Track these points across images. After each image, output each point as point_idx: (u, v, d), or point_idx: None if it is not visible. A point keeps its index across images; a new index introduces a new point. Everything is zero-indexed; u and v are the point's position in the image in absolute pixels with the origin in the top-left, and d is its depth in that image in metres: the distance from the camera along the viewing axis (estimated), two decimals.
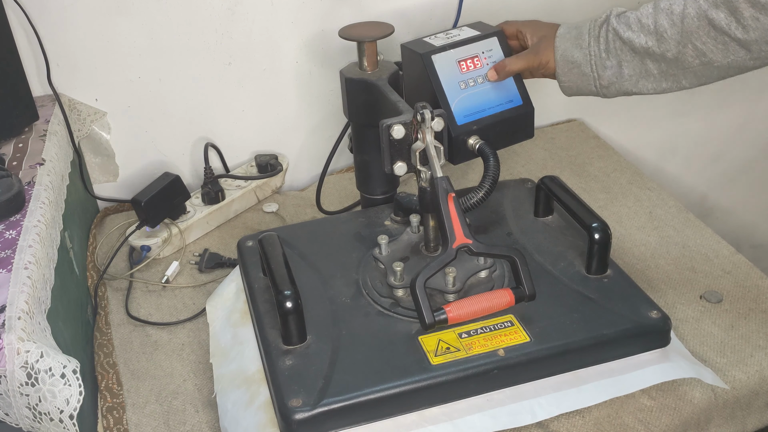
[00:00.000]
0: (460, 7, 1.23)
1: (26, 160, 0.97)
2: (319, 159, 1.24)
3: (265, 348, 0.80)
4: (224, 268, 1.08)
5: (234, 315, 0.92)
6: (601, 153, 1.31)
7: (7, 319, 0.71)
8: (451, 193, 0.81)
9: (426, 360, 0.77)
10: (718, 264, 1.02)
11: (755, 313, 0.93)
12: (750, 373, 0.86)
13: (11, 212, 0.86)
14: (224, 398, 0.83)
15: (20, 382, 0.71)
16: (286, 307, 0.78)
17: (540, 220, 0.98)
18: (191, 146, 1.23)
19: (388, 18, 1.20)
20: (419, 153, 0.83)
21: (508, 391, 0.78)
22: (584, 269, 0.88)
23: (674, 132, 1.54)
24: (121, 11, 1.10)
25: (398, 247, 0.92)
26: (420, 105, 0.82)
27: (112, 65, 1.13)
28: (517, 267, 0.80)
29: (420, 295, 0.77)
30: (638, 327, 0.81)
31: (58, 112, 1.09)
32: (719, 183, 1.64)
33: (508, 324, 0.81)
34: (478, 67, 0.95)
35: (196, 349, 0.94)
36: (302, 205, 1.21)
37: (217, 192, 1.16)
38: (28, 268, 0.78)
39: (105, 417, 0.86)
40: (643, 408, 0.81)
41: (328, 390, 0.74)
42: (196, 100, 1.20)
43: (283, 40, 1.19)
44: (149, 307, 1.01)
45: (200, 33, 1.15)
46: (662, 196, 1.17)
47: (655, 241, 1.07)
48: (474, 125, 0.93)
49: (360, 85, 0.97)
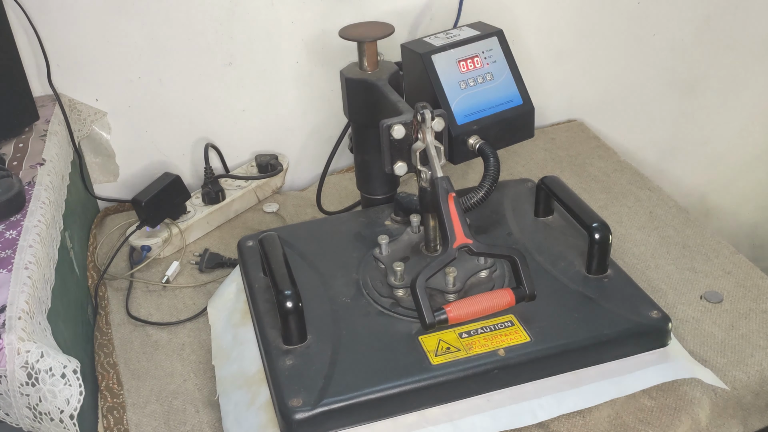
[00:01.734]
0: (461, 7, 1.23)
1: (26, 160, 0.97)
2: (320, 159, 1.24)
3: (266, 348, 0.81)
4: (224, 268, 1.08)
5: (235, 315, 0.92)
6: (601, 153, 1.31)
7: (7, 319, 0.71)
8: (452, 192, 0.81)
9: (426, 360, 0.77)
10: (719, 264, 1.02)
11: (755, 313, 0.93)
12: (750, 373, 0.86)
13: (11, 212, 0.86)
14: (226, 400, 0.83)
15: (20, 382, 0.71)
16: (286, 307, 0.78)
17: (540, 220, 0.98)
18: (191, 146, 1.23)
19: (388, 18, 1.20)
20: (419, 153, 0.83)
21: (508, 392, 0.78)
22: (584, 269, 0.88)
23: (674, 132, 1.54)
24: (122, 11, 1.10)
25: (398, 247, 0.92)
26: (420, 105, 0.82)
27: (112, 65, 1.13)
28: (517, 267, 0.80)
29: (420, 295, 0.76)
30: (639, 327, 0.81)
31: (59, 112, 1.09)
32: (719, 183, 1.64)
33: (508, 324, 0.81)
34: (478, 66, 0.95)
35: (196, 349, 0.94)
36: (302, 205, 1.21)
37: (217, 192, 1.16)
38: (29, 268, 0.78)
39: (105, 417, 0.86)
40: (644, 408, 0.81)
41: (328, 390, 0.74)
42: (196, 100, 1.20)
43: (283, 40, 1.19)
44: (149, 307, 1.02)
45: (200, 33, 1.15)
46: (662, 196, 1.17)
47: (656, 241, 1.07)
48: (474, 125, 0.93)
49: (360, 85, 0.97)
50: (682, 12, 1.40)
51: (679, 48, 1.44)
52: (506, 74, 0.96)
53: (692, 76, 1.49)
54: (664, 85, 1.48)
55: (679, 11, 1.40)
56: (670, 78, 1.47)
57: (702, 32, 1.44)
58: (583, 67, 1.39)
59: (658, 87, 1.47)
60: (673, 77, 1.47)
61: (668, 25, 1.41)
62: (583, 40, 1.36)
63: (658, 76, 1.46)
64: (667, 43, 1.43)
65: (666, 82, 1.47)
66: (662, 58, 1.44)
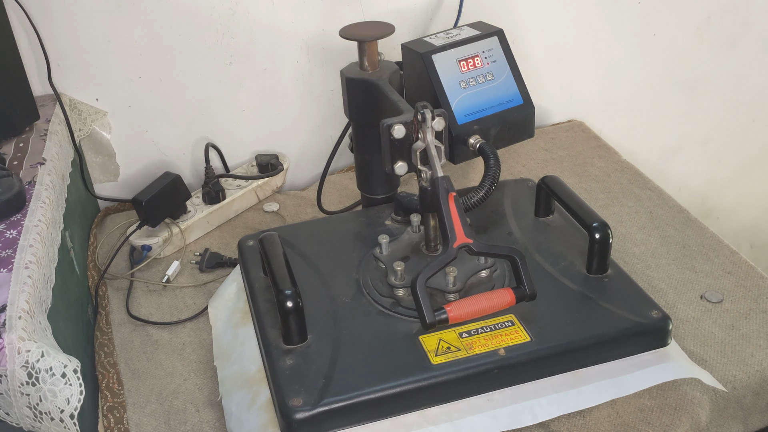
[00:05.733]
0: (461, 7, 1.23)
1: (27, 160, 0.97)
2: (320, 159, 1.24)
3: (266, 347, 0.81)
4: (225, 267, 1.08)
5: (235, 315, 0.92)
6: (601, 153, 1.31)
7: (7, 319, 0.71)
8: (452, 192, 0.81)
9: (426, 360, 0.77)
10: (719, 264, 1.02)
11: (756, 312, 0.93)
12: (751, 373, 0.86)
13: (12, 212, 0.86)
14: (228, 400, 0.83)
15: (21, 382, 0.71)
16: (286, 307, 0.78)
17: (540, 220, 0.98)
18: (192, 146, 1.23)
19: (389, 18, 1.20)
20: (420, 152, 0.83)
21: (508, 391, 0.78)
22: (585, 269, 0.88)
23: (675, 132, 1.54)
24: (122, 11, 1.10)
25: (399, 246, 0.92)
26: (420, 104, 0.82)
27: (112, 65, 1.13)
28: (517, 266, 0.80)
29: (420, 295, 0.76)
30: (639, 326, 0.81)
31: (59, 111, 1.09)
32: (720, 183, 1.65)
33: (508, 324, 0.81)
34: (479, 66, 0.95)
35: (196, 349, 0.94)
36: (303, 205, 1.21)
37: (217, 192, 1.16)
38: (29, 267, 0.78)
39: (106, 416, 0.86)
40: (644, 408, 0.81)
41: (328, 389, 0.74)
42: (196, 99, 1.20)
43: (283, 40, 1.19)
44: (150, 306, 1.02)
45: (201, 33, 1.15)
46: (663, 196, 1.17)
47: (656, 240, 1.07)
48: (474, 125, 0.93)
49: (361, 85, 0.97)
50: (683, 12, 1.40)
51: (679, 48, 1.44)
52: (506, 74, 0.96)
53: (692, 76, 1.49)
54: (665, 85, 1.48)
55: (679, 11, 1.40)
56: (671, 78, 1.47)
57: (702, 32, 1.44)
58: (583, 67, 1.39)
59: (658, 87, 1.47)
60: (673, 77, 1.47)
61: (668, 25, 1.41)
62: (584, 40, 1.36)
63: (659, 76, 1.46)
64: (668, 43, 1.43)
65: (666, 82, 1.47)
66: (662, 58, 1.44)
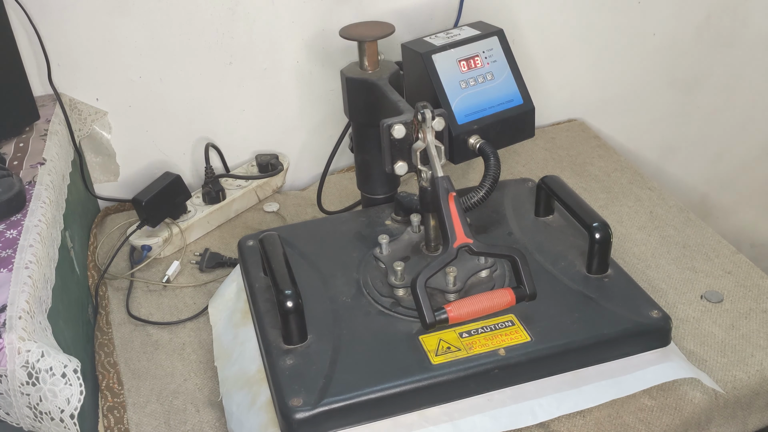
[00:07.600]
0: (461, 7, 1.23)
1: (27, 160, 0.97)
2: (320, 159, 1.24)
3: (266, 347, 0.81)
4: (225, 267, 1.08)
5: (235, 315, 0.92)
6: (601, 153, 1.31)
7: (7, 319, 0.71)
8: (452, 192, 0.81)
9: (427, 359, 0.77)
10: (719, 264, 1.02)
11: (756, 312, 0.93)
12: (751, 373, 0.86)
13: (12, 212, 0.86)
14: (229, 401, 0.83)
15: (21, 382, 0.71)
16: (286, 307, 0.78)
17: (540, 220, 0.98)
18: (192, 146, 1.23)
19: (389, 18, 1.20)
20: (420, 152, 0.83)
21: (508, 391, 0.78)
22: (585, 269, 0.88)
23: (675, 132, 1.54)
24: (122, 11, 1.10)
25: (399, 246, 0.92)
26: (421, 104, 0.82)
27: (112, 65, 1.13)
28: (517, 266, 0.80)
29: (421, 295, 0.76)
30: (639, 326, 0.81)
31: (59, 111, 1.09)
32: (719, 183, 1.64)
33: (508, 323, 0.81)
34: (479, 66, 0.95)
35: (197, 349, 0.94)
36: (303, 205, 1.21)
37: (217, 191, 1.16)
38: (29, 267, 0.78)
39: (106, 416, 0.86)
40: (644, 408, 0.81)
41: (328, 389, 0.74)
42: (196, 99, 1.20)
43: (283, 40, 1.19)
44: (150, 306, 1.02)
45: (201, 33, 1.15)
46: (663, 195, 1.17)
47: (656, 240, 1.07)
48: (474, 124, 0.93)
49: (361, 85, 0.97)
50: (682, 11, 1.40)
51: (679, 47, 1.44)
52: (506, 74, 0.96)
53: (692, 76, 1.49)
54: (665, 85, 1.48)
55: (679, 11, 1.40)
56: (671, 77, 1.47)
57: (702, 31, 1.44)
58: (583, 67, 1.39)
59: (658, 86, 1.47)
60: (673, 76, 1.47)
61: (668, 25, 1.41)
62: (584, 40, 1.36)
63: (659, 76, 1.46)
64: (667, 42, 1.43)
65: (666, 82, 1.47)
66: (662, 58, 1.44)
